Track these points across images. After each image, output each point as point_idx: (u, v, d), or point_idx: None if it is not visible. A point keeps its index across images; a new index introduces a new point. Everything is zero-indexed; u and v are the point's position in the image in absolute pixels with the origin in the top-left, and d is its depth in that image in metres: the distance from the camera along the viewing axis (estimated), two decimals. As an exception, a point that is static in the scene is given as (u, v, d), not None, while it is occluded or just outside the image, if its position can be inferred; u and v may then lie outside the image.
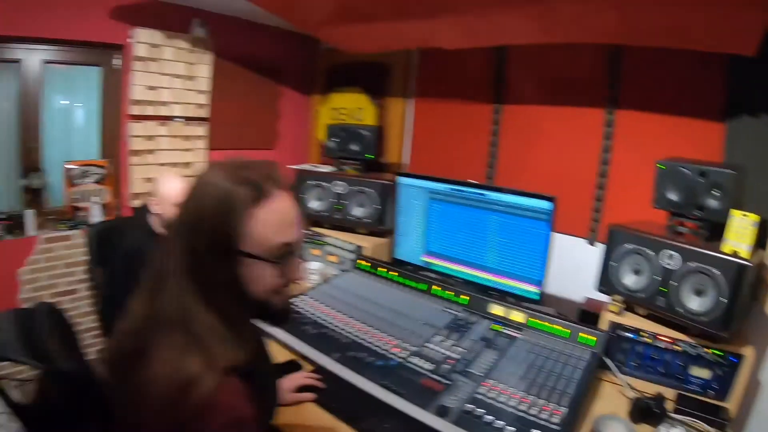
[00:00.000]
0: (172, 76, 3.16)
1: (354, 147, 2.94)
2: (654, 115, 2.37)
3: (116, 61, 3.10)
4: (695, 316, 1.69)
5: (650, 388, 1.81)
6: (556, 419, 1.47)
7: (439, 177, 2.41)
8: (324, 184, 2.83)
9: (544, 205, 2.07)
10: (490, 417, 1.47)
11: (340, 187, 2.80)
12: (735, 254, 1.65)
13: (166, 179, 2.42)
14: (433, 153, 3.16)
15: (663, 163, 1.91)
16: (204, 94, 3.32)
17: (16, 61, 2.82)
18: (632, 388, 1.82)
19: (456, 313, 2.13)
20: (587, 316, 2.18)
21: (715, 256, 1.66)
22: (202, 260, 0.93)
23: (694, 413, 1.65)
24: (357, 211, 2.78)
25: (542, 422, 1.46)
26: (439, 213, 2.42)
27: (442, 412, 1.49)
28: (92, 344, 3.20)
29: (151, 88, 3.09)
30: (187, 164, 3.36)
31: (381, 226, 2.75)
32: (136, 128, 3.09)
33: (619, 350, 1.90)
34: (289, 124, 3.93)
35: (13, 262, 2.87)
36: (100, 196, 3.15)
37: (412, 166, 3.28)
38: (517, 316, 2.06)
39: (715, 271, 1.65)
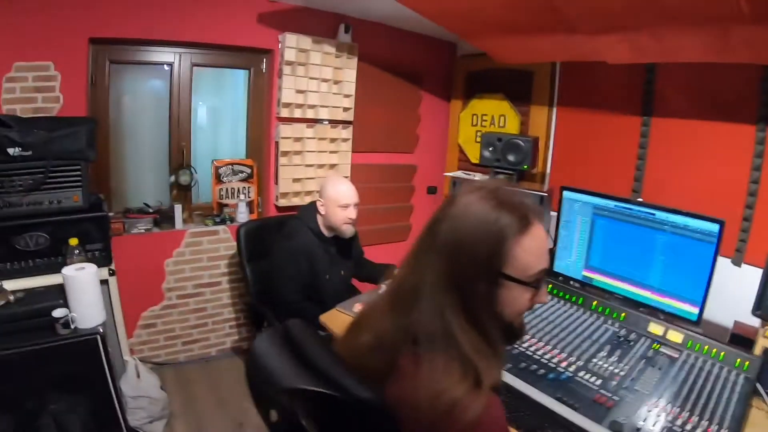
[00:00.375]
0: (320, 80, 3.23)
1: (511, 158, 2.92)
2: None
3: (264, 65, 3.22)
4: None
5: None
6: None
7: (605, 193, 2.32)
8: (483, 192, 2.81)
9: (712, 227, 1.96)
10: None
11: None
12: None
13: (333, 182, 2.49)
14: (576, 164, 3.09)
15: None
16: (349, 98, 3.38)
17: (169, 63, 2.98)
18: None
19: (615, 329, 2.06)
20: (739, 339, 2.04)
21: None
22: (465, 279, 0.94)
23: None
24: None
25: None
26: (604, 228, 2.34)
27: (616, 428, 1.47)
28: (230, 334, 3.34)
29: (300, 91, 3.18)
30: (332, 166, 3.44)
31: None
32: (285, 130, 3.18)
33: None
34: (427, 128, 3.96)
35: (161, 253, 3.05)
36: (245, 194, 3.26)
37: (554, 176, 3.22)
38: (675, 336, 1.94)
39: None
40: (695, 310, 2.05)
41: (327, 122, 3.34)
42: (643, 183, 2.82)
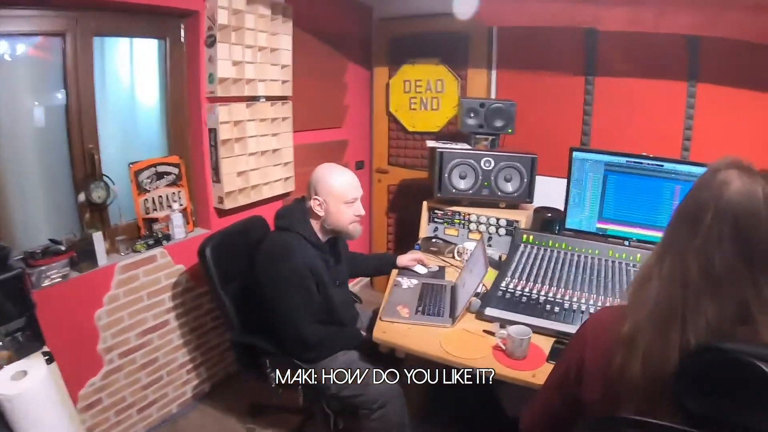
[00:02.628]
0: (256, 48, 2.68)
1: (498, 123, 2.90)
2: (729, 88, 2.84)
3: (183, 33, 2.54)
4: None
5: None
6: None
7: (615, 151, 2.56)
8: (471, 161, 2.76)
9: None
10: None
11: (489, 163, 2.76)
12: None
13: (332, 173, 2.06)
14: (523, 123, 3.17)
15: None
16: (286, 69, 2.88)
17: (60, 34, 2.11)
18: None
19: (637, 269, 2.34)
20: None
21: None
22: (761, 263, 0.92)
23: None
24: (505, 187, 2.79)
25: None
26: (615, 183, 2.59)
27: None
28: (189, 380, 2.67)
29: (236, 63, 2.58)
30: (275, 151, 2.92)
31: (528, 199, 2.81)
32: (223, 112, 2.56)
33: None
34: (353, 99, 3.63)
35: (89, 305, 2.24)
36: (178, 201, 2.55)
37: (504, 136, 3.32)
38: None
39: None
40: None
41: (264, 99, 2.79)
42: (591, 136, 3.17)
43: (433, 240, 2.85)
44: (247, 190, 2.78)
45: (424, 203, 2.91)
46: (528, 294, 2.16)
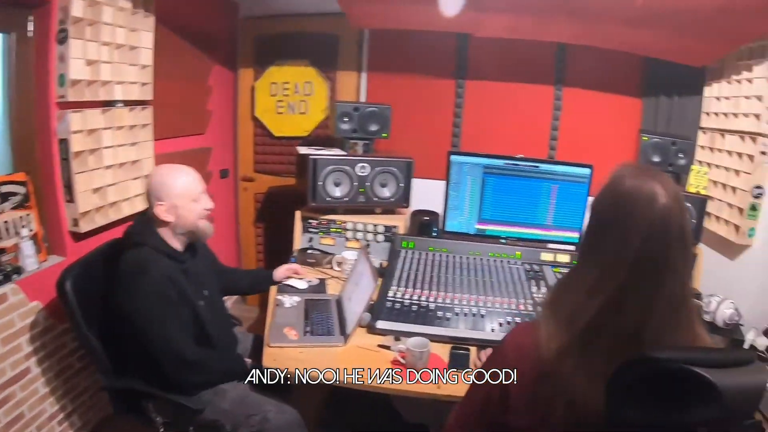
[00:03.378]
0: (113, 46, 2.34)
1: (373, 127, 2.87)
2: (591, 92, 3.25)
3: (31, 27, 2.15)
4: None
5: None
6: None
7: (494, 154, 2.75)
8: (346, 168, 2.72)
9: (585, 171, 2.72)
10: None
11: (365, 169, 2.75)
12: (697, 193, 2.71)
13: (169, 174, 1.92)
14: (395, 126, 3.12)
15: (646, 135, 2.80)
16: (147, 70, 2.56)
17: None
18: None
19: (522, 266, 2.57)
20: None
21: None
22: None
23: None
24: (382, 192, 2.81)
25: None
26: (494, 185, 2.77)
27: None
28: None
29: (91, 62, 2.24)
30: (134, 163, 2.58)
31: (405, 203, 2.87)
32: (76, 120, 2.21)
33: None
34: (216, 103, 3.33)
35: None
36: (27, 226, 2.15)
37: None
38: (563, 257, 2.67)
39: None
40: (576, 235, 2.79)
41: (122, 104, 2.46)
42: (460, 138, 3.35)
43: (310, 251, 2.77)
44: (105, 209, 2.44)
45: (297, 213, 2.81)
46: (417, 302, 2.19)
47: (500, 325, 2.06)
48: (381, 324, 2.03)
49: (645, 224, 0.93)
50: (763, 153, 2.57)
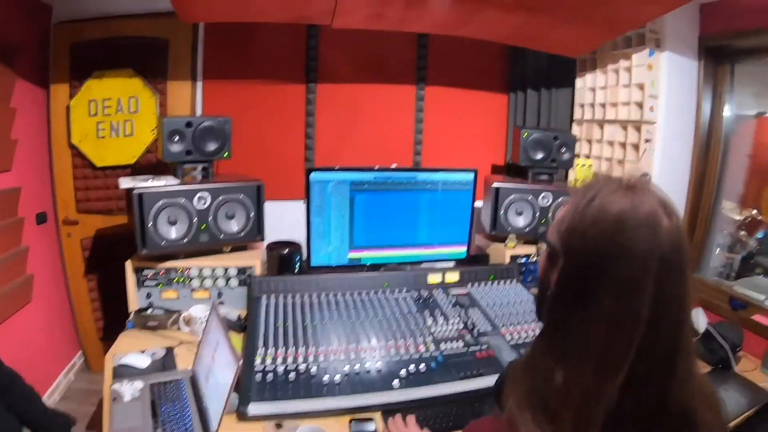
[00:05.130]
0: None
1: (211, 146, 2.36)
2: (456, 90, 3.10)
3: None
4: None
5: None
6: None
7: (361, 167, 2.40)
8: (181, 200, 2.19)
9: (469, 176, 2.48)
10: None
11: (204, 200, 2.24)
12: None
13: None
14: (239, 143, 2.65)
15: (526, 131, 2.65)
16: None
17: None
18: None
19: (408, 295, 2.24)
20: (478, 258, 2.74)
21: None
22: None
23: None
24: (229, 226, 2.33)
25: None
26: (365, 203, 2.42)
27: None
28: None
29: None
30: None
31: (259, 236, 2.40)
32: None
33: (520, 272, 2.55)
34: (23, 129, 2.63)
35: None
36: None
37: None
38: (452, 277, 2.37)
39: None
40: (463, 249, 2.56)
41: None
42: (314, 150, 3.02)
43: (150, 311, 2.19)
44: None
45: (128, 263, 2.23)
46: (293, 366, 1.71)
47: (404, 377, 1.69)
48: (254, 408, 1.54)
49: (654, 258, 0.72)
50: (647, 140, 2.55)
